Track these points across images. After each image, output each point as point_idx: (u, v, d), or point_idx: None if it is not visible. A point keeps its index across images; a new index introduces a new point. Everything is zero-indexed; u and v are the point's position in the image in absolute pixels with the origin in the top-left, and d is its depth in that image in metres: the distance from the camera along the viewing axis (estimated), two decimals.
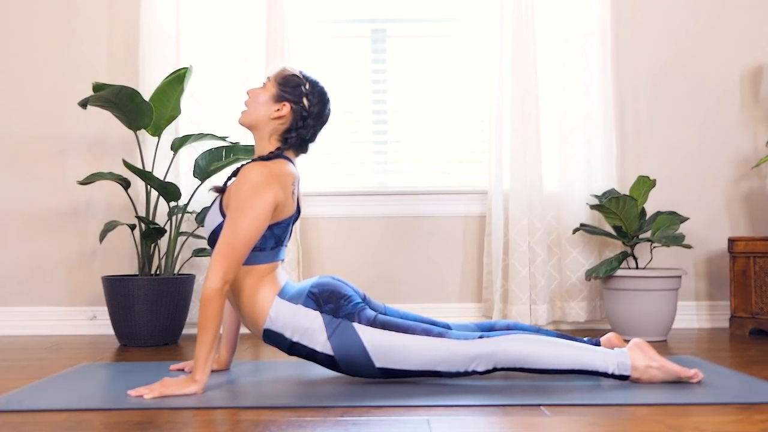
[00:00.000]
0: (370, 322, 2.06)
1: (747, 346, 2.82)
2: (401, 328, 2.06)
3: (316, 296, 2.08)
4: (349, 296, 2.11)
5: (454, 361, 2.04)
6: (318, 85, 2.19)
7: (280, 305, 2.08)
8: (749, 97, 3.47)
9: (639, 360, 2.06)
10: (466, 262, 3.43)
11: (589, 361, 2.04)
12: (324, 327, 2.05)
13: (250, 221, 1.99)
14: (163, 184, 2.94)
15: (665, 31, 3.48)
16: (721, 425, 1.64)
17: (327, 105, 2.20)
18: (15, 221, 3.40)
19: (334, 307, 2.07)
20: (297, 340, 2.07)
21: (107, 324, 3.26)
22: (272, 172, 2.05)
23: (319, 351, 2.06)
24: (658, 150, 3.46)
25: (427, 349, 2.04)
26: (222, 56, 3.32)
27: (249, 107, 2.18)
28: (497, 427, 1.66)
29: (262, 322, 2.09)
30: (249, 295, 2.09)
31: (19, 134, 3.42)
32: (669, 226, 3.06)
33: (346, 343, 2.04)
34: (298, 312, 2.07)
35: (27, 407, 1.84)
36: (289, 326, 2.06)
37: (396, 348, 2.04)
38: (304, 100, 2.15)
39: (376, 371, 2.07)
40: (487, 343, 2.04)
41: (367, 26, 3.55)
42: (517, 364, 2.04)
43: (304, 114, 2.15)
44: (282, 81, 2.16)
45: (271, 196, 2.03)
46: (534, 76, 3.28)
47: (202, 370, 1.97)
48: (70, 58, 3.43)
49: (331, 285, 2.12)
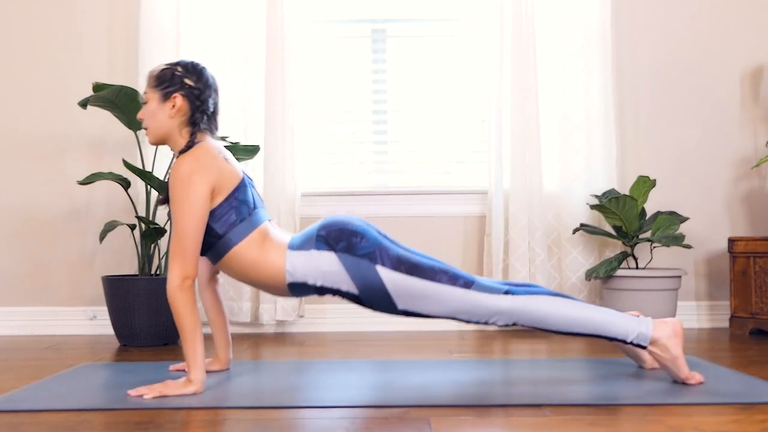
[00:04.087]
0: (393, 264, 2.06)
1: (747, 346, 2.82)
2: (427, 274, 2.07)
3: (325, 237, 2.09)
4: (361, 233, 2.09)
5: (476, 313, 2.07)
6: (186, 62, 2.17)
7: (293, 256, 2.08)
8: (749, 97, 3.47)
9: (663, 335, 2.06)
10: (466, 262, 3.43)
11: (609, 327, 2.06)
12: (344, 268, 2.06)
13: (188, 215, 1.99)
14: (163, 184, 2.94)
15: (665, 31, 3.48)
16: (721, 425, 1.64)
17: (205, 72, 2.18)
18: (15, 221, 3.40)
19: (347, 245, 2.07)
20: (321, 284, 2.08)
21: (107, 324, 3.26)
22: (196, 159, 2.04)
23: (344, 291, 2.08)
24: (658, 150, 3.46)
25: (451, 298, 2.06)
26: (222, 56, 3.32)
27: (148, 126, 2.15)
28: (497, 427, 1.66)
29: (283, 281, 2.09)
30: (259, 266, 2.08)
31: (19, 134, 3.42)
32: (669, 226, 3.06)
33: (368, 284, 2.05)
34: (312, 257, 2.07)
35: (27, 407, 1.84)
36: (310, 273, 2.07)
37: (420, 295, 2.06)
38: (186, 81, 2.12)
39: (399, 312, 2.09)
40: (512, 300, 2.06)
41: (367, 26, 3.55)
42: (537, 323, 2.07)
43: (195, 92, 2.13)
44: (157, 81, 2.13)
45: (202, 184, 2.01)
46: (534, 76, 3.28)
47: (195, 369, 1.98)
48: (70, 58, 3.43)
49: (337, 223, 2.12)
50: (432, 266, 2.08)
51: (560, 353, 2.69)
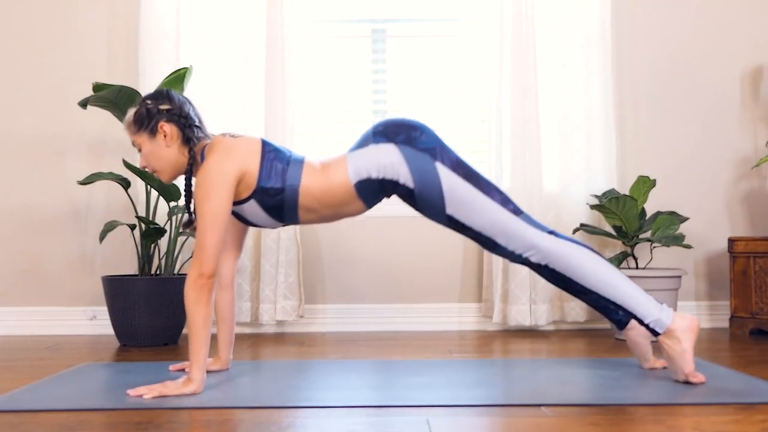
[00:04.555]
0: (452, 165, 2.08)
1: (747, 346, 2.82)
2: (482, 186, 2.08)
3: (383, 132, 2.11)
4: (420, 128, 2.11)
5: (515, 240, 2.09)
6: (150, 94, 2.18)
7: (352, 158, 2.11)
8: (749, 97, 3.47)
9: (679, 327, 2.07)
10: (466, 262, 3.43)
11: (633, 302, 2.08)
12: (403, 158, 2.07)
13: (209, 214, 1.99)
14: (163, 184, 2.94)
15: (665, 31, 3.48)
16: (721, 425, 1.64)
17: (171, 92, 2.19)
18: (15, 221, 3.40)
19: (406, 137, 2.09)
20: (383, 177, 2.08)
21: (107, 324, 3.26)
22: (216, 159, 2.04)
23: (401, 183, 2.08)
24: (658, 150, 3.46)
25: (498, 217, 2.07)
26: (222, 56, 3.33)
27: (155, 167, 2.16)
28: (497, 427, 1.66)
29: (350, 186, 2.09)
30: (330, 189, 2.09)
31: (19, 134, 3.42)
32: (669, 226, 3.06)
33: (425, 180, 2.06)
34: (371, 150, 2.09)
35: (27, 407, 1.84)
36: (371, 167, 2.08)
37: (470, 203, 2.07)
38: (162, 108, 2.14)
39: (444, 217, 2.10)
40: (553, 240, 2.09)
41: (367, 26, 3.55)
42: (568, 271, 2.08)
43: (175, 113, 2.14)
44: (137, 125, 2.14)
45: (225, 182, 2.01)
46: (534, 76, 3.28)
47: (196, 368, 1.98)
48: (70, 58, 3.43)
49: (394, 120, 2.14)
50: (488, 181, 2.11)
51: (560, 353, 2.69)
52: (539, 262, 2.11)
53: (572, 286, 2.14)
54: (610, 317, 2.21)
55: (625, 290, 2.09)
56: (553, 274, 2.14)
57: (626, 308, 2.09)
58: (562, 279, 2.14)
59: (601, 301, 2.15)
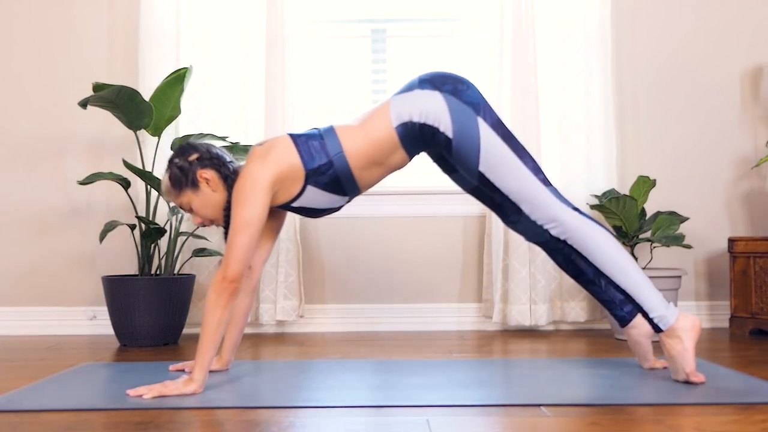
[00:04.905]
0: (493, 123, 2.09)
1: (747, 346, 2.82)
2: (518, 150, 2.10)
3: (429, 80, 2.11)
4: (466, 83, 2.13)
5: (539, 209, 2.09)
6: (175, 153, 2.19)
7: (395, 102, 2.11)
8: (749, 97, 3.47)
9: (681, 326, 2.07)
10: (466, 262, 3.43)
11: (642, 293, 2.08)
12: (447, 107, 2.07)
13: (241, 222, 2.00)
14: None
15: (665, 31, 3.48)
16: (721, 425, 1.64)
17: (190, 141, 2.23)
18: (15, 221, 3.40)
19: (453, 88, 2.10)
20: (423, 121, 2.08)
21: (107, 324, 3.26)
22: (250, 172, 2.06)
23: (441, 131, 2.08)
24: (658, 150, 3.46)
25: (527, 183, 2.08)
26: (222, 56, 3.32)
27: (210, 215, 2.16)
28: (497, 427, 1.66)
29: (392, 130, 2.10)
30: (375, 142, 2.10)
31: (19, 134, 3.42)
32: (669, 226, 3.06)
33: (465, 132, 2.07)
34: (416, 95, 2.10)
35: (27, 407, 1.84)
36: (414, 111, 2.08)
37: (504, 164, 2.07)
38: (191, 159, 2.15)
39: (476, 173, 2.10)
40: (576, 217, 2.10)
41: (367, 26, 3.55)
42: (584, 249, 2.08)
43: (205, 157, 2.16)
44: (176, 185, 2.15)
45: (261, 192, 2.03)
46: (534, 76, 3.28)
47: (200, 369, 1.98)
48: (69, 58, 3.43)
49: (440, 72, 2.15)
50: (523, 147, 2.12)
51: (560, 353, 2.69)
52: (558, 236, 2.11)
53: (583, 273, 2.15)
54: (613, 312, 2.21)
55: (637, 280, 2.09)
56: (568, 256, 2.16)
57: (634, 298, 2.08)
58: (575, 262, 2.15)
59: (608, 291, 2.16)
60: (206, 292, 3.25)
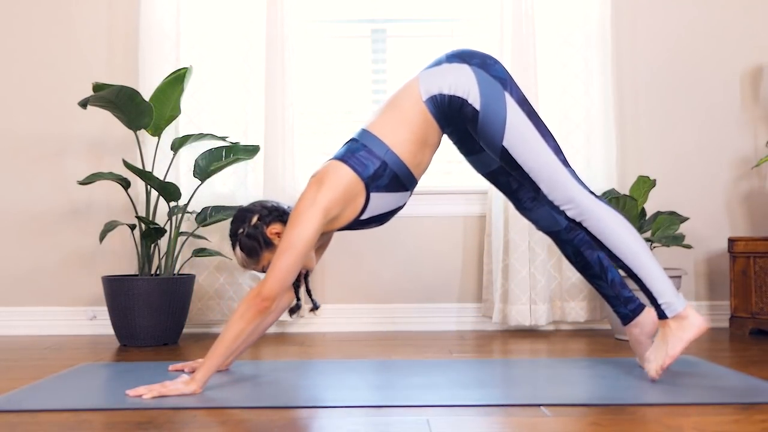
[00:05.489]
0: (519, 100, 2.10)
1: (747, 346, 2.82)
2: (541, 128, 2.10)
3: (458, 55, 2.14)
4: (494, 58, 2.15)
5: (557, 190, 2.09)
6: (234, 224, 2.20)
7: (423, 77, 2.13)
8: (749, 97, 3.47)
9: (690, 316, 2.05)
10: (466, 262, 3.43)
11: (653, 277, 2.06)
12: (475, 79, 2.09)
13: (291, 245, 2.00)
14: (163, 184, 2.94)
15: (665, 31, 3.48)
16: (721, 425, 1.64)
17: (242, 206, 2.24)
18: (15, 221, 3.40)
19: (481, 62, 2.12)
20: (453, 93, 2.09)
21: (107, 324, 3.26)
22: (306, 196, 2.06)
23: (469, 102, 2.09)
24: (658, 150, 3.46)
25: (549, 162, 2.08)
26: (222, 56, 3.32)
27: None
28: (497, 427, 1.66)
29: (422, 104, 2.11)
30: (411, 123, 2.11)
31: (19, 134, 3.42)
32: (669, 226, 3.06)
33: (492, 105, 2.07)
34: (444, 68, 2.12)
35: (27, 407, 1.84)
36: (443, 83, 2.10)
37: (527, 141, 2.08)
38: (255, 221, 2.17)
39: (499, 148, 2.10)
40: (593, 200, 2.09)
41: (367, 26, 3.55)
42: (599, 233, 2.08)
43: (264, 214, 2.17)
44: (251, 253, 2.16)
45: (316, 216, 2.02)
46: (534, 76, 3.28)
47: (205, 371, 1.98)
48: (69, 58, 3.43)
49: (468, 48, 2.17)
50: (546, 126, 2.12)
51: (560, 353, 2.69)
52: (575, 217, 2.10)
53: (591, 266, 2.17)
54: (617, 309, 2.22)
55: (650, 265, 2.07)
56: (578, 248, 2.19)
57: (645, 283, 2.06)
58: (583, 254, 2.17)
59: (613, 287, 2.16)
60: (206, 291, 3.27)
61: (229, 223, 3.24)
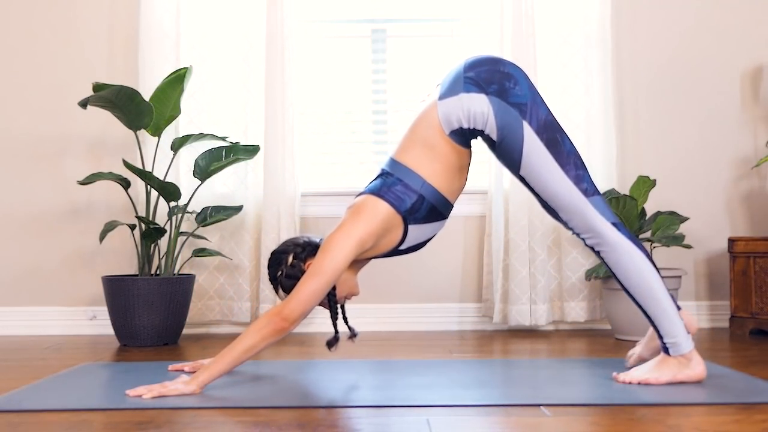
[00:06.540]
0: (539, 128, 2.05)
1: (747, 346, 2.82)
2: (561, 157, 2.05)
3: (475, 79, 2.08)
4: (515, 76, 2.08)
5: (576, 219, 2.08)
6: (272, 266, 2.19)
7: (442, 106, 2.09)
8: (749, 97, 3.47)
9: (694, 360, 2.06)
10: (466, 262, 3.43)
11: (663, 318, 2.05)
12: (492, 111, 2.05)
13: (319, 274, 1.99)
14: (163, 184, 2.94)
15: (665, 31, 3.48)
16: (721, 425, 1.64)
17: (276, 249, 2.22)
18: (15, 221, 3.40)
19: (499, 88, 2.06)
20: (472, 127, 2.08)
21: (107, 324, 3.26)
22: (343, 227, 2.06)
23: (486, 133, 2.08)
24: (658, 150, 3.46)
25: (565, 193, 2.06)
26: (222, 56, 3.33)
27: (343, 294, 2.22)
28: (497, 427, 1.66)
29: (446, 137, 2.09)
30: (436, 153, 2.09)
31: (19, 134, 3.42)
32: (669, 226, 3.06)
33: (509, 137, 2.05)
34: (462, 100, 2.07)
35: (27, 407, 1.84)
36: (462, 117, 2.07)
37: (543, 173, 2.06)
38: (290, 260, 2.16)
39: (517, 174, 2.10)
40: (614, 233, 2.06)
41: (367, 26, 3.55)
42: (615, 268, 2.08)
43: (298, 251, 2.16)
44: (290, 289, 2.13)
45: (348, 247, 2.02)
46: (534, 76, 3.27)
47: (207, 374, 1.97)
48: (69, 58, 3.43)
49: (485, 61, 2.11)
50: (569, 151, 2.07)
51: (560, 353, 2.69)
52: (593, 246, 2.10)
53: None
54: None
55: (662, 304, 2.05)
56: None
57: (655, 323, 2.07)
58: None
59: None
60: (206, 291, 3.27)
61: (228, 223, 3.28)
